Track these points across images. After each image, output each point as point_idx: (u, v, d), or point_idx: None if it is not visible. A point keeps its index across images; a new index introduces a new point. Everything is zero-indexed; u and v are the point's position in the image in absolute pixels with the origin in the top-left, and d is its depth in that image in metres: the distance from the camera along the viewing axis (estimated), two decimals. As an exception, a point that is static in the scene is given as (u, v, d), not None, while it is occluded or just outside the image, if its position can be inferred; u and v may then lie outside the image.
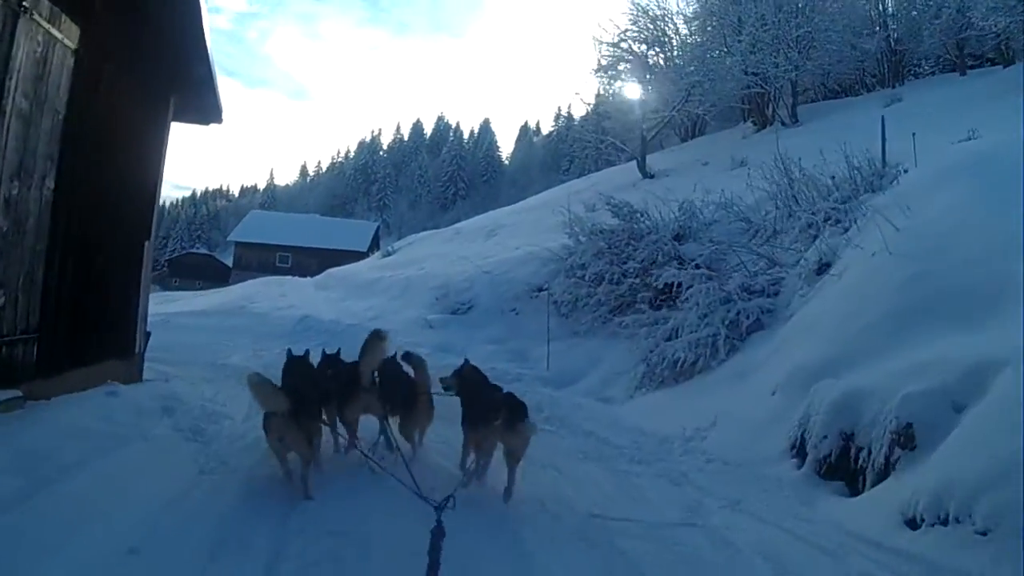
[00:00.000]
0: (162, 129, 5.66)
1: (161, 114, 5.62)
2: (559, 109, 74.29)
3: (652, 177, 18.86)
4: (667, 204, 9.62)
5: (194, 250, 58.49)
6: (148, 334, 5.77)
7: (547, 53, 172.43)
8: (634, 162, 21.46)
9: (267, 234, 42.86)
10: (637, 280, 8.93)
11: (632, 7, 22.99)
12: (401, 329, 10.24)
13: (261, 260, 40.08)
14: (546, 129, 73.26)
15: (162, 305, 19.46)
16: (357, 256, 32.53)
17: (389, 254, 22.13)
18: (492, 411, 3.30)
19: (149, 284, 5.86)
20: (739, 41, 21.03)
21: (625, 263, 9.23)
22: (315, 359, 3.87)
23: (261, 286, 18.69)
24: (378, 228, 46.99)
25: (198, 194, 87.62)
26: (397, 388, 3.78)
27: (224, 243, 61.82)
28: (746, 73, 20.53)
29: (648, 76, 22.35)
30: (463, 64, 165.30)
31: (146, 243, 5.57)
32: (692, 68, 21.32)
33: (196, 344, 9.38)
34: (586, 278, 9.67)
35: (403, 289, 13.55)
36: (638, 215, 9.71)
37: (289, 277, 22.58)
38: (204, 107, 5.91)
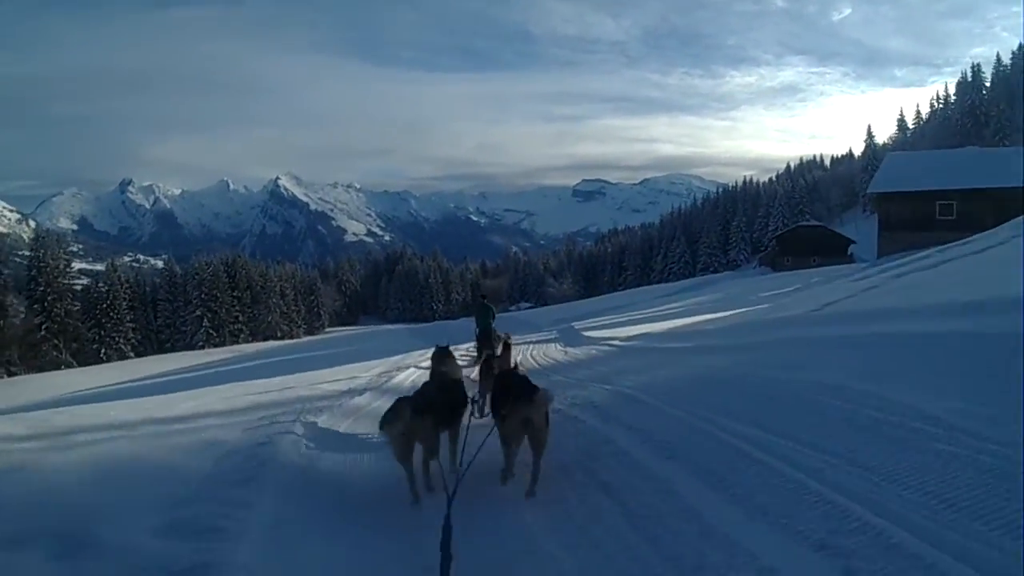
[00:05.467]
0: None
1: None
2: None
3: None
4: None
5: (804, 222, 55.83)
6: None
7: None
8: None
9: (916, 180, 31.74)
10: None
11: None
12: None
13: (916, 214, 30.47)
14: None
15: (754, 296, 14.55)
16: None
17: None
18: None
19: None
20: None
21: None
22: None
23: None
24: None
25: (792, 167, 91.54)
26: None
27: (828, 216, 63.45)
28: None
29: None
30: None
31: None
32: None
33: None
34: None
35: None
36: None
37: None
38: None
